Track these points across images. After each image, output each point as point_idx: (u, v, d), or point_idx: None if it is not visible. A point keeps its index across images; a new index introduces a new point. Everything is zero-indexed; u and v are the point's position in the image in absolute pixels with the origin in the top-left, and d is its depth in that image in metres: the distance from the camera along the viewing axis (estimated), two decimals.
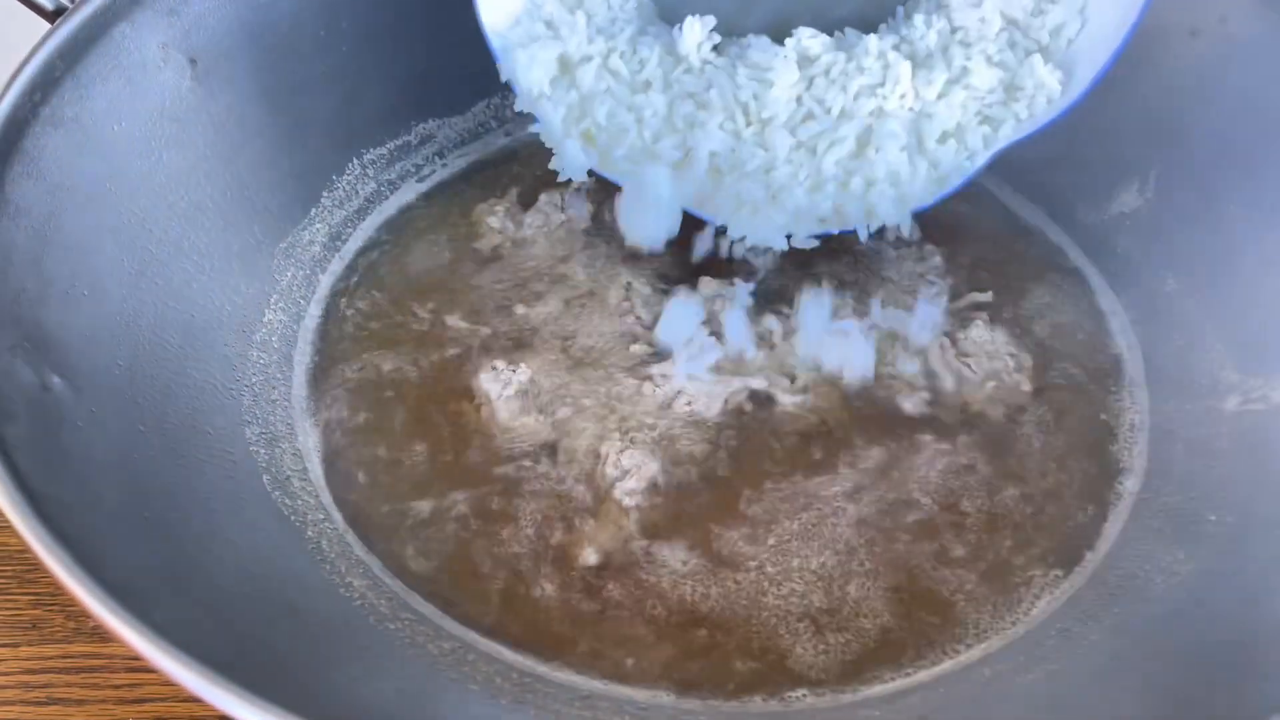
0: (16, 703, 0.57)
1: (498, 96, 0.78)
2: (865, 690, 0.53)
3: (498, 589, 0.56)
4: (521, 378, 0.63)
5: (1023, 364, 0.65)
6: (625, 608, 0.55)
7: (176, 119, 0.61)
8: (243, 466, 0.57)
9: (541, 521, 0.58)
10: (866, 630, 0.55)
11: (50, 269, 0.52)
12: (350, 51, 0.70)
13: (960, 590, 0.56)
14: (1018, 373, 0.65)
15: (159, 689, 0.57)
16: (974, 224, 0.74)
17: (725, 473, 0.60)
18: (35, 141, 0.53)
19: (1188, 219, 0.66)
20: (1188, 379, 0.63)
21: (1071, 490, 0.60)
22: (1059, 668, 0.52)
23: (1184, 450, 0.61)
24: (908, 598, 0.56)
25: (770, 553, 0.57)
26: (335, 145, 0.72)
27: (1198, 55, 0.65)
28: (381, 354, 0.66)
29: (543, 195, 0.73)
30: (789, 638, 0.55)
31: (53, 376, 0.49)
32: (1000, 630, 0.55)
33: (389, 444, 0.62)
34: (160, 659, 0.38)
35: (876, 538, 0.58)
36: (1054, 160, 0.72)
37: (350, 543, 0.58)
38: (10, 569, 0.61)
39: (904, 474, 0.60)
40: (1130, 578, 0.56)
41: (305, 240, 0.70)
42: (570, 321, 0.67)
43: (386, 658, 0.51)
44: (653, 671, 0.53)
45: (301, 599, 0.53)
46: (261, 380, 0.63)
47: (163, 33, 0.60)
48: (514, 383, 0.62)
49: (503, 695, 0.51)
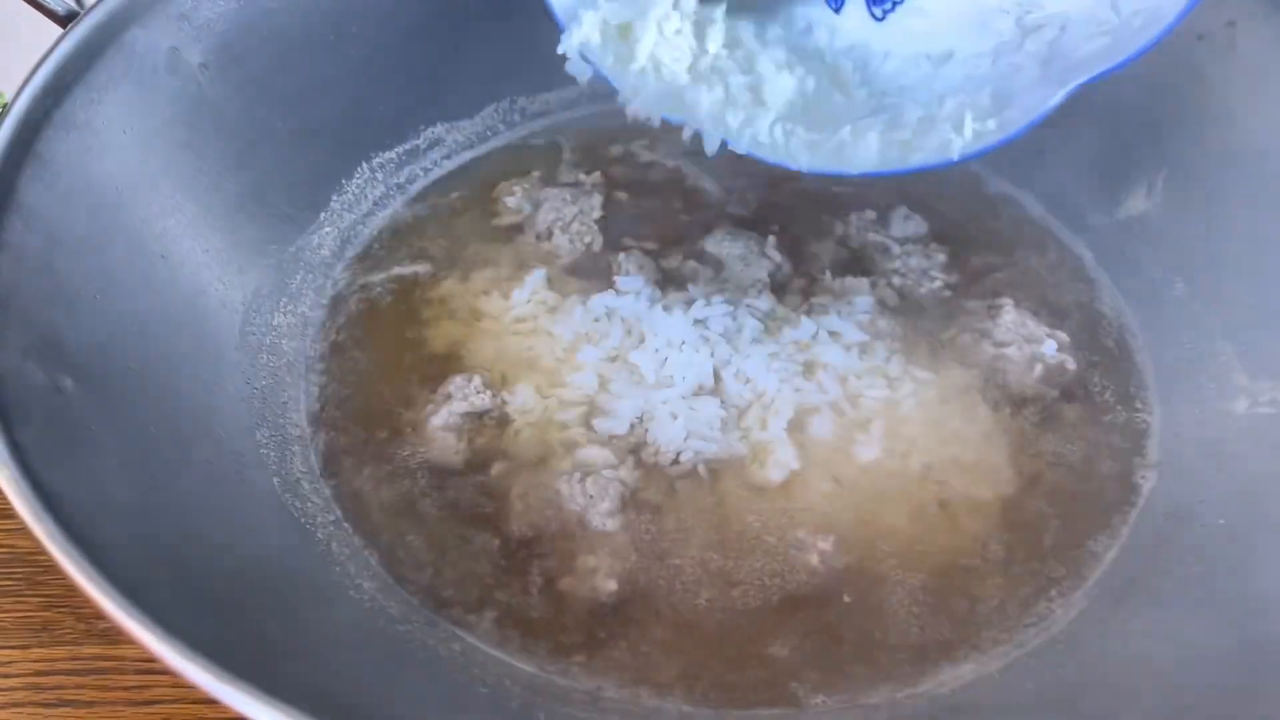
0: (27, 704, 0.57)
1: (506, 100, 0.79)
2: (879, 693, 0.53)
3: (502, 595, 0.56)
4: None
5: (1061, 342, 0.65)
6: (633, 616, 0.55)
7: (187, 123, 0.62)
8: (253, 469, 0.58)
9: (547, 536, 0.58)
10: (887, 630, 0.55)
11: (62, 272, 0.52)
12: (359, 56, 0.71)
13: (978, 596, 0.56)
14: (1061, 352, 0.65)
15: (169, 691, 0.57)
16: (979, 225, 0.74)
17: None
18: (48, 145, 0.53)
19: (1196, 223, 0.66)
20: (1197, 382, 0.63)
21: (1082, 494, 0.60)
22: (1070, 671, 0.52)
23: (1193, 453, 0.61)
24: (924, 601, 0.56)
25: (774, 550, 0.57)
26: (344, 149, 0.72)
27: (1205, 59, 0.65)
28: (388, 359, 0.66)
29: (550, 190, 0.74)
30: (799, 641, 0.55)
31: (65, 379, 0.49)
32: (1011, 636, 0.55)
33: (396, 450, 0.62)
34: (174, 659, 0.38)
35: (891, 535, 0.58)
36: (1062, 163, 0.72)
37: (358, 546, 0.58)
38: (21, 571, 0.62)
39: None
40: (1138, 582, 0.56)
41: (314, 244, 0.70)
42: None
43: (397, 659, 0.51)
44: (663, 677, 0.54)
45: (313, 600, 0.53)
46: (271, 383, 0.63)
47: (173, 37, 0.61)
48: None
49: (512, 699, 0.51)
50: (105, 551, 0.41)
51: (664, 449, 0.60)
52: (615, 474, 0.59)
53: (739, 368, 0.63)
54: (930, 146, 0.60)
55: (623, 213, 0.74)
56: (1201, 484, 0.59)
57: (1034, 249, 0.72)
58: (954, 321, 0.68)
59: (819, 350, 0.64)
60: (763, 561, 0.57)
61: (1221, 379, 0.62)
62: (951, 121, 0.59)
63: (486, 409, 0.62)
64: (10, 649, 0.59)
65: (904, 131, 0.60)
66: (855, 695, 0.53)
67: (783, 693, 0.53)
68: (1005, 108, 0.59)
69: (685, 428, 0.61)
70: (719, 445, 0.61)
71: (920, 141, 0.60)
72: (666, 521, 0.58)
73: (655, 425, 0.61)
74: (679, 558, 0.57)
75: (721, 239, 0.72)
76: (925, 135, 0.60)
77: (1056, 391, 0.64)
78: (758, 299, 0.67)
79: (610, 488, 0.58)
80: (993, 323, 0.66)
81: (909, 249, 0.71)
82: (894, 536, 0.58)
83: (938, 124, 0.60)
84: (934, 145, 0.60)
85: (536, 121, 0.79)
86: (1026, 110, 0.58)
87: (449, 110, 0.77)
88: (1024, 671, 0.53)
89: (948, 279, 0.70)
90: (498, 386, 0.63)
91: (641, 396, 0.62)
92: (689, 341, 0.64)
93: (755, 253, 0.71)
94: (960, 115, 0.59)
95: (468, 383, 0.63)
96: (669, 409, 0.61)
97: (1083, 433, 0.63)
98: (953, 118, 0.60)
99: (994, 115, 0.59)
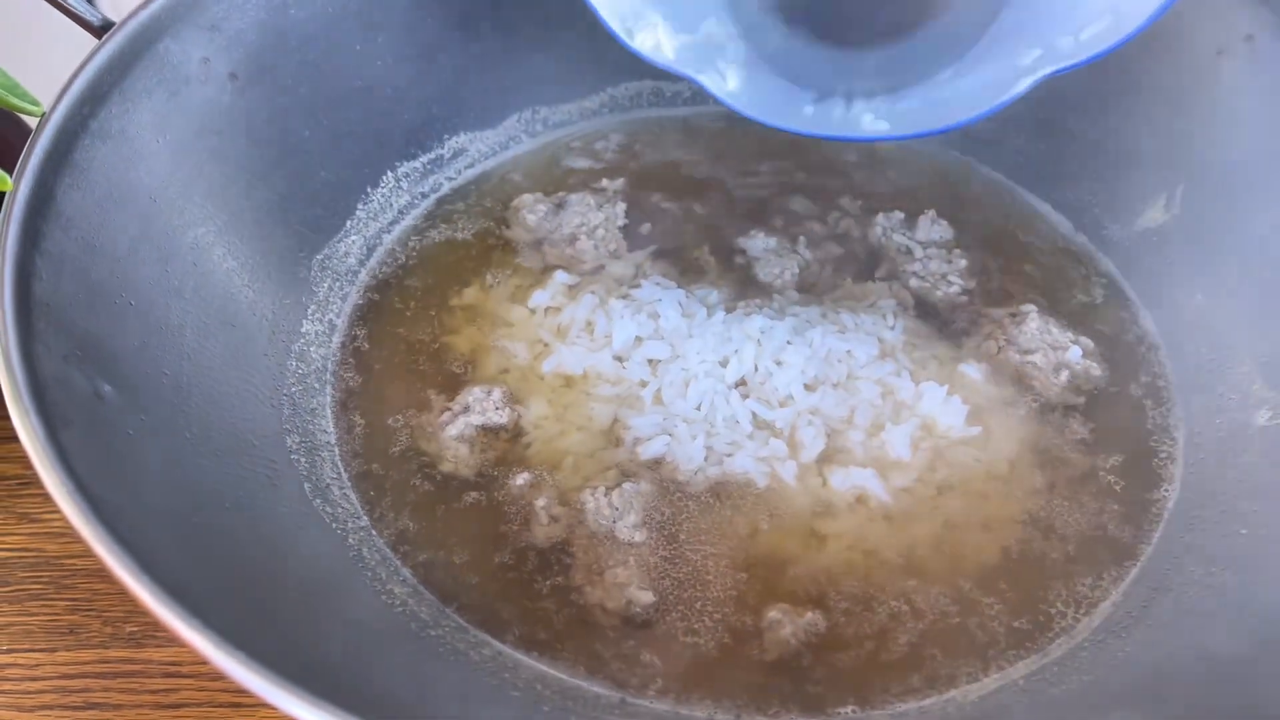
0: (55, 707, 0.57)
1: (528, 110, 0.79)
2: (904, 703, 0.53)
3: (530, 603, 0.56)
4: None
5: (1086, 349, 0.66)
6: (661, 627, 0.56)
7: (218, 131, 0.62)
8: (284, 474, 0.58)
9: (574, 547, 0.58)
10: (913, 641, 0.55)
11: (98, 279, 0.53)
12: (385, 67, 0.71)
13: (1002, 606, 0.57)
14: (1086, 358, 0.65)
15: (195, 694, 0.58)
16: (1002, 232, 0.75)
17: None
18: (85, 154, 0.54)
19: (1214, 234, 0.67)
20: (1217, 392, 0.63)
21: (1106, 503, 0.61)
22: (1093, 679, 0.52)
23: (1215, 464, 0.61)
24: (950, 611, 0.56)
25: (799, 563, 0.58)
26: (370, 159, 0.73)
27: (1224, 73, 0.66)
28: (414, 366, 0.66)
29: (573, 196, 0.74)
30: (826, 652, 0.55)
31: (104, 385, 0.49)
32: (1036, 644, 0.55)
33: (421, 459, 0.62)
34: (216, 655, 0.38)
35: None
36: (1083, 176, 0.73)
37: (387, 552, 0.58)
38: (48, 575, 0.62)
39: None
40: (1162, 591, 0.56)
41: (341, 252, 0.71)
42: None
43: (428, 662, 0.52)
44: (690, 686, 0.54)
45: (344, 603, 0.53)
46: (300, 390, 0.64)
47: (204, 48, 0.61)
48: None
49: (544, 703, 0.51)
50: (147, 552, 0.41)
51: (684, 465, 0.60)
52: (637, 488, 0.59)
53: (763, 379, 0.63)
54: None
55: (647, 219, 0.74)
56: (1223, 493, 0.59)
57: (1055, 258, 0.73)
58: (978, 328, 0.68)
59: (844, 358, 0.65)
60: (788, 573, 0.57)
61: (1243, 389, 0.62)
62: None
63: (502, 424, 0.62)
64: (38, 652, 0.59)
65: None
66: (881, 704, 0.53)
67: (810, 703, 0.53)
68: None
69: (706, 443, 0.61)
70: (743, 458, 0.61)
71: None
72: (693, 535, 0.58)
73: (676, 441, 0.61)
74: (707, 571, 0.57)
75: (747, 243, 0.72)
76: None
77: (1082, 399, 0.65)
78: (783, 303, 0.68)
79: (635, 501, 0.58)
80: (1017, 329, 0.66)
81: (931, 252, 0.72)
82: (920, 547, 0.58)
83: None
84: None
85: (559, 130, 0.80)
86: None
87: (473, 120, 0.77)
88: (1048, 679, 0.53)
89: (967, 284, 0.70)
90: (517, 397, 0.64)
91: (663, 409, 0.62)
92: (714, 352, 0.64)
93: (783, 255, 0.71)
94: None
95: (487, 395, 0.63)
96: (691, 424, 0.62)
97: (1106, 441, 0.63)
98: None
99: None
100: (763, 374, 0.63)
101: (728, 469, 0.60)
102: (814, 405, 0.62)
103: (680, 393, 0.63)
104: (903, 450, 0.61)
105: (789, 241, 0.73)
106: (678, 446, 0.61)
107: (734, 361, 0.64)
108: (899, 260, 0.72)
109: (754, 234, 0.73)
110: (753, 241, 0.72)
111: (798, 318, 0.67)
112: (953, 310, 0.69)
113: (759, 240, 0.72)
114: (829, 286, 0.70)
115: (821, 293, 0.70)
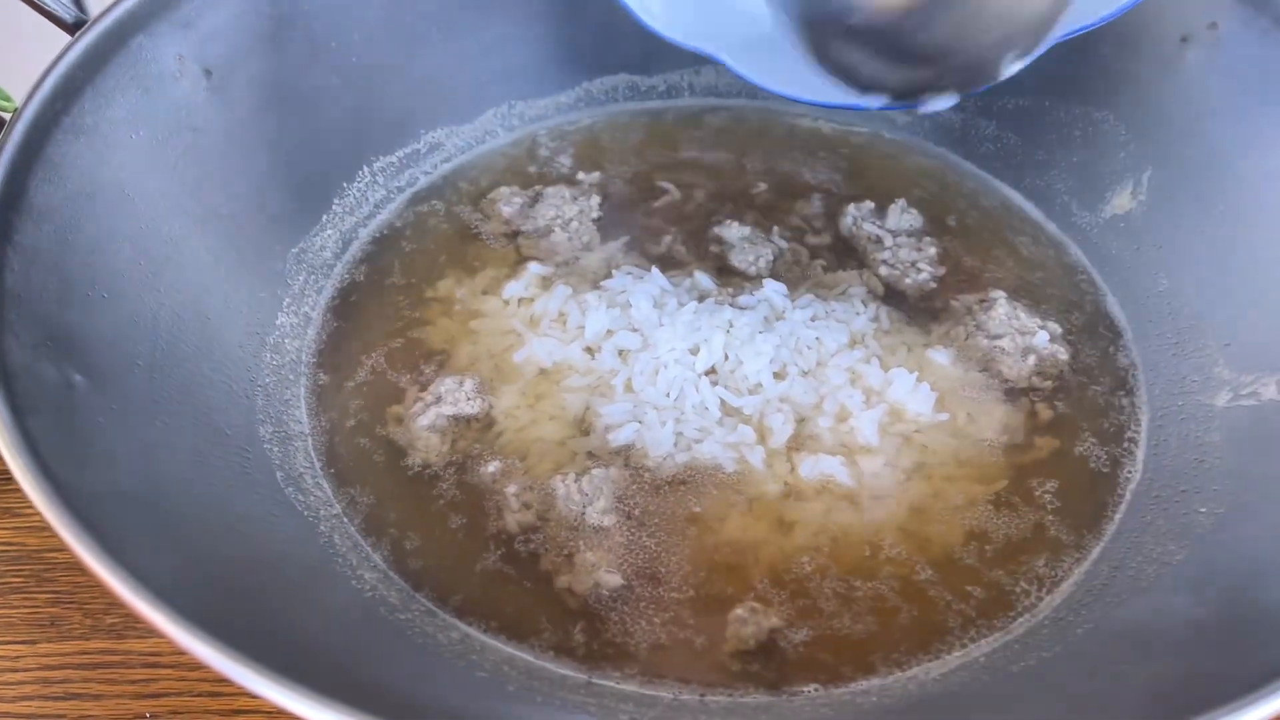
0: (35, 698, 0.58)
1: (505, 104, 0.80)
2: (867, 680, 0.54)
3: (499, 587, 0.57)
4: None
5: (1054, 334, 0.66)
6: (628, 608, 0.56)
7: (192, 127, 0.63)
8: (257, 463, 0.59)
9: (544, 532, 0.59)
10: (877, 620, 0.56)
11: (71, 271, 0.53)
12: (360, 62, 0.72)
13: (967, 586, 0.57)
14: (1053, 343, 0.66)
15: (174, 684, 0.58)
16: (971, 220, 0.75)
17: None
18: (57, 149, 0.54)
19: (1180, 220, 0.68)
20: (1181, 374, 0.64)
21: (1070, 484, 0.61)
22: (1051, 655, 0.53)
23: (1177, 445, 0.62)
24: (914, 591, 0.57)
25: (766, 545, 0.58)
26: (346, 153, 0.73)
27: (1189, 60, 0.66)
28: (388, 358, 0.67)
29: (549, 189, 0.75)
30: (792, 631, 0.55)
31: (75, 375, 0.50)
32: (999, 623, 0.56)
33: (393, 449, 0.63)
34: (185, 639, 0.39)
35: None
36: (1051, 163, 0.74)
37: (359, 539, 0.59)
38: (29, 568, 0.63)
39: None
40: (1123, 569, 0.57)
41: (317, 245, 0.71)
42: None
43: (398, 645, 0.52)
44: (656, 665, 0.54)
45: (317, 588, 0.54)
46: (275, 381, 0.64)
47: (179, 44, 0.62)
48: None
49: (510, 683, 0.52)
50: (116, 539, 0.41)
51: (654, 451, 0.61)
52: (607, 474, 0.60)
53: (733, 367, 0.64)
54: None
55: (621, 211, 0.75)
56: (1185, 474, 0.60)
57: (1024, 246, 0.74)
58: (948, 314, 0.69)
59: (814, 345, 0.65)
60: (755, 556, 0.58)
61: (1205, 372, 0.63)
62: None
63: (474, 414, 0.63)
64: (19, 644, 0.60)
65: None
66: (845, 682, 0.54)
67: (774, 682, 0.54)
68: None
69: (676, 430, 0.61)
70: (711, 445, 0.61)
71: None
72: (661, 520, 0.59)
73: (646, 428, 0.61)
74: (674, 555, 0.58)
75: (723, 231, 0.73)
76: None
77: (1049, 383, 0.65)
78: (754, 291, 0.68)
79: (605, 487, 0.59)
80: (986, 315, 0.67)
81: (901, 241, 0.72)
82: (886, 531, 0.59)
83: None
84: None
85: (535, 124, 0.81)
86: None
87: (449, 114, 0.78)
88: (1010, 656, 0.54)
89: (937, 272, 0.71)
90: (489, 387, 0.64)
91: (634, 397, 0.63)
92: (684, 340, 0.64)
93: (757, 242, 0.72)
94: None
95: (459, 386, 0.63)
96: (661, 411, 0.62)
97: (1072, 424, 0.64)
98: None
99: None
100: (733, 362, 0.64)
101: (696, 455, 0.61)
102: (783, 392, 0.63)
103: (650, 380, 0.63)
104: (871, 436, 0.61)
105: (763, 231, 0.73)
106: (647, 433, 0.61)
107: (704, 349, 0.64)
108: (869, 248, 0.72)
109: (729, 223, 0.73)
110: (728, 230, 0.73)
111: (769, 305, 0.67)
112: (922, 297, 0.70)
113: (734, 229, 0.73)
114: (800, 276, 0.71)
115: (794, 283, 0.70)
